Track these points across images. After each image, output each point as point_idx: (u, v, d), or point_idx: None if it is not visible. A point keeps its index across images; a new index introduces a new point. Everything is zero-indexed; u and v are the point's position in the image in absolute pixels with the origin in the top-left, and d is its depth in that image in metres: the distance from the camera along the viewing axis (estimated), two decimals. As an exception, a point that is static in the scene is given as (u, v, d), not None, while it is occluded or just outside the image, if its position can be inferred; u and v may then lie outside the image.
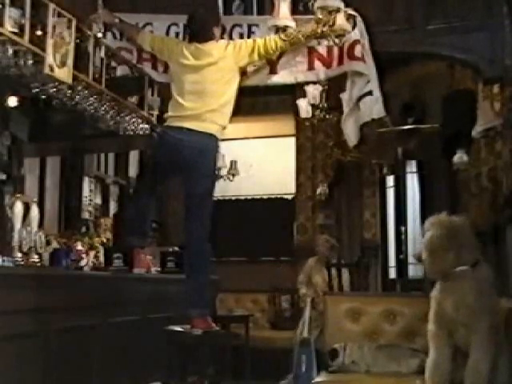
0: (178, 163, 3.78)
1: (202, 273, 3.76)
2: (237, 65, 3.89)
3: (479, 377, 2.86)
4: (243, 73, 4.11)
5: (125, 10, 4.46)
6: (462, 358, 2.95)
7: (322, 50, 4.21)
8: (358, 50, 4.16)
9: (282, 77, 4.28)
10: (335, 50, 4.19)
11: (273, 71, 4.25)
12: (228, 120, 3.89)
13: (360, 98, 4.15)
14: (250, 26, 4.32)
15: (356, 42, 4.14)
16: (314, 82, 5.61)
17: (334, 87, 5.45)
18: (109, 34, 4.41)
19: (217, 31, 3.94)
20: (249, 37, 4.27)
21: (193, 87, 3.81)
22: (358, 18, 4.12)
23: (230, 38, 4.27)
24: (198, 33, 3.93)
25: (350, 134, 4.27)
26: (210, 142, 3.80)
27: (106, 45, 4.28)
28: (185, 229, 3.86)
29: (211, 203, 3.87)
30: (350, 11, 4.09)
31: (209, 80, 3.81)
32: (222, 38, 4.04)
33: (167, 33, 4.44)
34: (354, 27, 4.14)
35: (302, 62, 4.23)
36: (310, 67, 4.24)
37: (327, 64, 4.23)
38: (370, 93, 4.11)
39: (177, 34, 4.35)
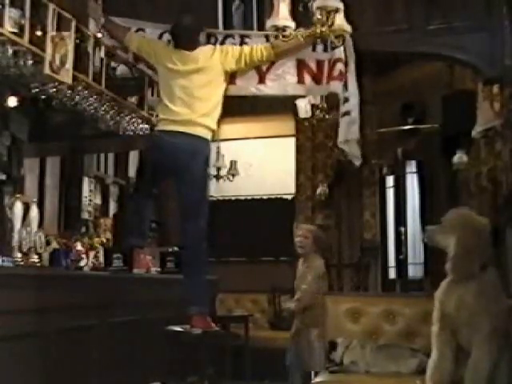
0: (172, 166, 3.82)
1: (200, 272, 3.78)
2: (223, 69, 3.90)
3: (479, 376, 2.87)
4: (231, 82, 4.11)
5: (123, 12, 4.45)
6: (465, 358, 2.96)
7: (311, 63, 4.16)
8: (337, 69, 4.09)
9: (272, 88, 4.23)
10: (325, 65, 4.13)
11: (262, 82, 4.20)
12: (216, 123, 3.91)
13: (341, 117, 4.12)
14: (242, 37, 4.30)
15: (338, 60, 4.09)
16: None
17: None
18: (105, 32, 4.36)
19: (202, 36, 3.95)
20: None
21: (182, 92, 3.82)
22: (347, 37, 4.04)
23: None
24: (184, 41, 3.92)
25: (350, 153, 4.22)
26: (202, 145, 3.85)
27: (105, 45, 4.28)
28: (181, 229, 3.88)
29: (206, 203, 3.90)
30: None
31: (197, 85, 3.82)
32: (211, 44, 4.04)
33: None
34: (341, 44, 4.06)
35: (291, 74, 4.18)
36: (300, 80, 4.18)
37: (317, 79, 4.16)
38: (347, 113, 4.06)
39: (169, 42, 4.32)
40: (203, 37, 3.98)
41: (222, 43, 4.24)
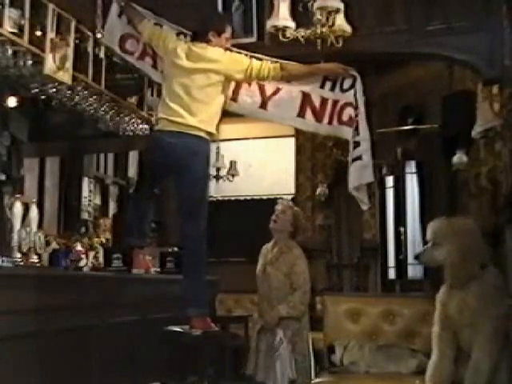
0: (171, 166, 3.81)
1: (199, 272, 3.78)
2: (228, 76, 3.87)
3: (479, 377, 2.87)
4: (233, 99, 4.10)
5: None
6: (465, 360, 2.96)
7: (315, 99, 4.11)
8: (346, 113, 4.06)
9: (272, 115, 4.20)
10: (329, 104, 4.09)
11: (264, 106, 4.16)
12: (215, 127, 3.89)
13: (352, 162, 4.05)
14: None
15: (347, 104, 4.05)
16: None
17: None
18: (124, 18, 4.29)
19: (215, 38, 3.90)
20: None
21: (181, 90, 3.79)
22: (358, 80, 4.03)
23: None
24: (196, 31, 3.97)
25: (359, 198, 4.16)
26: (202, 144, 3.82)
27: (105, 45, 4.28)
28: (181, 230, 3.88)
29: (206, 203, 3.89)
30: (352, 71, 4.05)
31: (197, 85, 3.79)
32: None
33: None
34: (351, 88, 4.05)
35: (294, 105, 4.12)
36: (301, 114, 4.14)
37: (318, 117, 4.12)
38: (359, 157, 4.00)
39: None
40: (217, 39, 3.91)
41: None
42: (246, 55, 3.99)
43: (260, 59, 3.97)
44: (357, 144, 4.00)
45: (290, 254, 4.59)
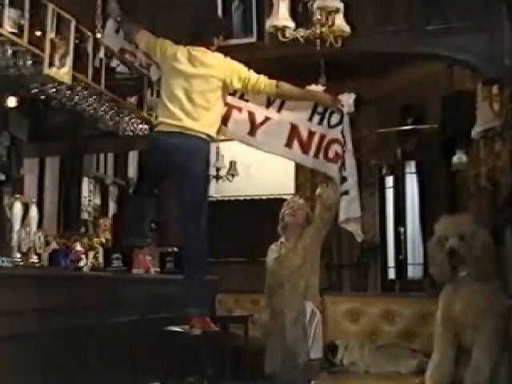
0: (171, 167, 3.81)
1: (199, 272, 3.78)
2: (226, 83, 3.87)
3: (480, 377, 2.87)
4: (224, 123, 4.09)
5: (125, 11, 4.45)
6: (466, 359, 2.96)
7: (303, 131, 4.11)
8: (332, 150, 4.07)
9: (260, 143, 4.19)
10: (316, 138, 4.10)
11: (252, 133, 4.15)
12: (215, 132, 3.90)
13: (340, 196, 4.03)
14: None
15: (333, 140, 4.05)
16: (316, 83, 5.49)
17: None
18: (121, 33, 4.36)
19: (215, 40, 3.93)
20: None
21: (182, 93, 3.80)
22: (346, 116, 4.02)
23: None
24: (199, 35, 3.93)
25: (352, 231, 4.15)
26: (202, 145, 3.82)
27: (105, 45, 4.29)
28: (182, 230, 3.88)
29: (206, 203, 3.89)
30: (340, 106, 4.03)
31: (197, 90, 3.79)
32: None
33: None
34: (338, 124, 4.05)
35: (282, 135, 4.13)
36: (288, 144, 4.14)
37: (305, 149, 4.12)
38: (347, 192, 3.98)
39: None
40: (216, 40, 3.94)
41: None
42: (245, 65, 4.01)
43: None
44: (344, 179, 4.02)
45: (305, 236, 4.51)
